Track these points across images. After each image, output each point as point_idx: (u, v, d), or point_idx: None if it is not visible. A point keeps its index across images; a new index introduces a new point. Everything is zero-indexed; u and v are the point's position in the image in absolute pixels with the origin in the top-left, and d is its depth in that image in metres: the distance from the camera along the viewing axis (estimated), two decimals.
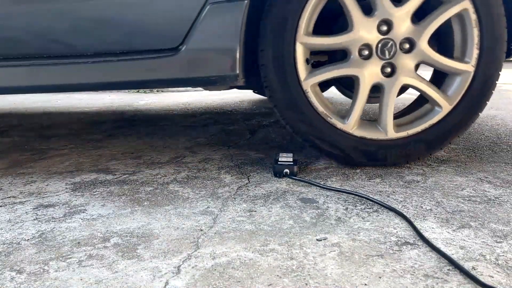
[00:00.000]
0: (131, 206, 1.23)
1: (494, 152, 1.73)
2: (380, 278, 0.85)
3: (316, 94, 1.44)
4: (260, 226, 1.08)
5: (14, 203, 1.27)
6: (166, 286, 0.83)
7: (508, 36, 1.44)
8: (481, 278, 0.83)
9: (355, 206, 1.20)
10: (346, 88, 2.06)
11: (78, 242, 1.02)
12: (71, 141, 2.06)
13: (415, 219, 1.10)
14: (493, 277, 0.85)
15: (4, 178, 1.51)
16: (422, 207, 1.18)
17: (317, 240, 1.01)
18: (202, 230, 1.06)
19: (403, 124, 1.50)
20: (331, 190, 1.32)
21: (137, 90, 4.06)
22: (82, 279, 0.86)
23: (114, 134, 2.20)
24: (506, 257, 0.92)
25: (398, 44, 1.40)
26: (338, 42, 1.41)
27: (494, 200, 1.23)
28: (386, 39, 1.39)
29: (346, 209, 1.18)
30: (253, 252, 0.95)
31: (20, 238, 1.05)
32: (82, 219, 1.15)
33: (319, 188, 1.34)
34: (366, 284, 0.83)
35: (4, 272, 0.90)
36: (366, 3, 1.39)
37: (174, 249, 0.98)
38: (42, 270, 0.90)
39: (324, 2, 1.39)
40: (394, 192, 1.30)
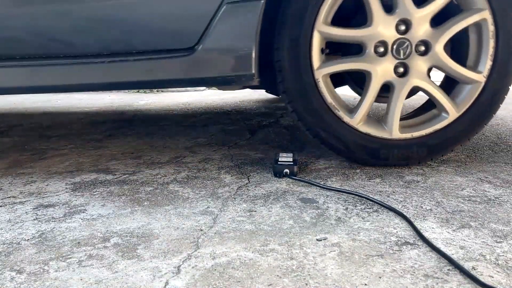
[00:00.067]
0: (131, 206, 1.23)
1: (494, 152, 1.73)
2: (380, 278, 0.85)
3: (327, 85, 1.44)
4: (260, 226, 1.08)
5: (14, 203, 1.27)
6: (166, 286, 0.83)
7: None
8: (481, 278, 0.83)
9: (355, 206, 1.20)
10: (359, 87, 2.07)
11: (78, 242, 1.02)
12: (71, 141, 2.06)
13: (415, 219, 1.10)
14: (493, 277, 0.85)
15: (4, 178, 1.51)
16: (422, 207, 1.18)
17: (317, 240, 1.01)
18: (202, 230, 1.06)
19: (408, 126, 1.50)
20: (331, 190, 1.32)
21: (137, 90, 4.06)
22: (82, 279, 0.86)
23: (114, 134, 2.20)
24: (506, 257, 0.92)
25: (414, 45, 1.40)
26: (355, 36, 1.41)
27: (494, 200, 1.23)
28: (402, 39, 1.40)
29: (346, 209, 1.18)
30: (253, 252, 0.95)
31: (20, 238, 1.05)
32: (82, 219, 1.15)
33: (319, 188, 1.34)
34: (366, 284, 0.83)
35: (4, 272, 0.90)
36: (388, 1, 1.40)
37: (174, 249, 0.98)
38: (42, 270, 0.90)
39: None
40: (394, 192, 1.30)
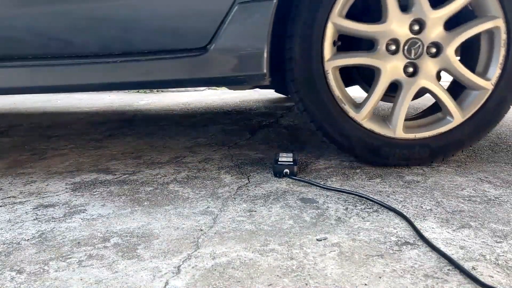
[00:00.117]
0: (131, 206, 1.23)
1: (494, 152, 1.73)
2: (380, 278, 0.85)
3: (335, 78, 1.44)
4: (260, 226, 1.08)
5: (14, 203, 1.27)
6: (166, 286, 0.83)
7: None
8: (481, 278, 0.83)
9: (355, 206, 1.20)
10: (370, 86, 2.07)
11: (78, 242, 1.02)
12: (71, 141, 2.06)
13: (415, 219, 1.10)
14: (493, 277, 0.85)
15: (4, 178, 1.51)
16: (422, 207, 1.18)
17: (317, 240, 1.01)
18: (202, 230, 1.06)
19: (412, 127, 1.50)
20: (331, 190, 1.32)
21: (137, 90, 4.06)
22: (82, 279, 0.86)
23: (114, 134, 2.20)
24: (506, 257, 0.92)
25: (426, 46, 1.41)
26: (369, 31, 1.41)
27: (494, 200, 1.23)
28: (415, 39, 1.40)
29: (346, 209, 1.18)
30: (253, 252, 0.95)
31: (20, 238, 1.05)
32: (82, 219, 1.15)
33: (319, 188, 1.34)
34: (366, 284, 0.83)
35: (4, 272, 0.90)
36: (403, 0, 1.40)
37: (174, 249, 0.98)
38: (42, 270, 0.90)
39: None
40: (394, 192, 1.30)
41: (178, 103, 3.30)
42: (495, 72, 1.44)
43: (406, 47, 1.41)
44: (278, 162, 1.45)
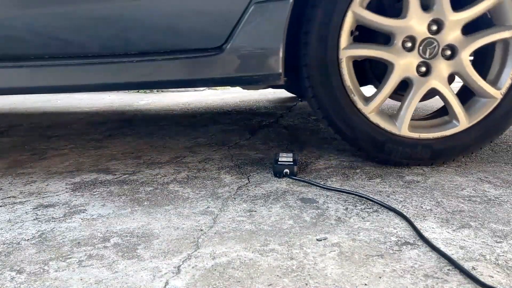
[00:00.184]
0: (131, 206, 1.23)
1: (494, 152, 1.73)
2: (380, 278, 0.85)
3: (348, 67, 1.44)
4: (260, 226, 1.08)
5: (14, 203, 1.27)
6: (166, 286, 0.84)
7: None
8: (481, 278, 0.84)
9: (355, 206, 1.20)
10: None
11: (78, 242, 1.02)
12: (71, 141, 2.06)
13: (415, 219, 1.10)
14: (493, 277, 0.85)
15: (4, 178, 1.51)
16: (422, 207, 1.18)
17: (317, 240, 1.01)
18: (202, 230, 1.06)
19: (418, 127, 1.50)
20: (331, 190, 1.32)
21: (137, 90, 4.06)
22: (82, 279, 0.86)
23: (114, 134, 2.20)
24: (506, 257, 0.92)
25: (441, 47, 1.41)
26: (388, 25, 1.41)
27: (494, 200, 1.23)
28: (431, 39, 1.40)
29: (346, 209, 1.18)
30: (253, 252, 0.96)
31: (20, 238, 1.05)
32: (82, 219, 1.15)
33: (319, 188, 1.34)
34: (366, 284, 0.83)
35: (4, 272, 0.90)
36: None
37: (174, 249, 0.98)
38: (42, 270, 0.90)
39: None
40: (394, 192, 1.30)
41: (178, 103, 3.30)
42: (506, 82, 1.44)
43: (421, 46, 1.40)
44: (278, 162, 1.45)
